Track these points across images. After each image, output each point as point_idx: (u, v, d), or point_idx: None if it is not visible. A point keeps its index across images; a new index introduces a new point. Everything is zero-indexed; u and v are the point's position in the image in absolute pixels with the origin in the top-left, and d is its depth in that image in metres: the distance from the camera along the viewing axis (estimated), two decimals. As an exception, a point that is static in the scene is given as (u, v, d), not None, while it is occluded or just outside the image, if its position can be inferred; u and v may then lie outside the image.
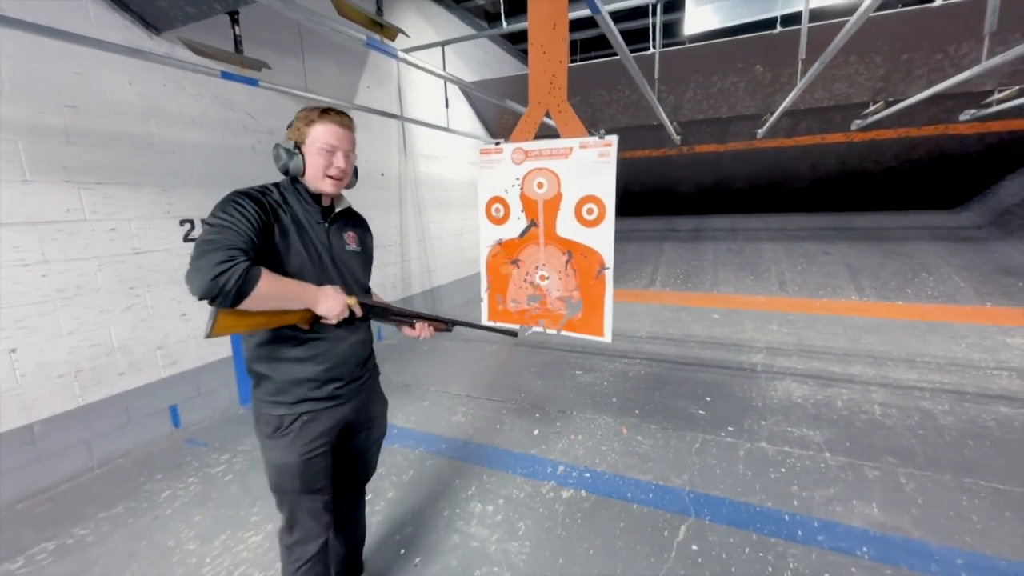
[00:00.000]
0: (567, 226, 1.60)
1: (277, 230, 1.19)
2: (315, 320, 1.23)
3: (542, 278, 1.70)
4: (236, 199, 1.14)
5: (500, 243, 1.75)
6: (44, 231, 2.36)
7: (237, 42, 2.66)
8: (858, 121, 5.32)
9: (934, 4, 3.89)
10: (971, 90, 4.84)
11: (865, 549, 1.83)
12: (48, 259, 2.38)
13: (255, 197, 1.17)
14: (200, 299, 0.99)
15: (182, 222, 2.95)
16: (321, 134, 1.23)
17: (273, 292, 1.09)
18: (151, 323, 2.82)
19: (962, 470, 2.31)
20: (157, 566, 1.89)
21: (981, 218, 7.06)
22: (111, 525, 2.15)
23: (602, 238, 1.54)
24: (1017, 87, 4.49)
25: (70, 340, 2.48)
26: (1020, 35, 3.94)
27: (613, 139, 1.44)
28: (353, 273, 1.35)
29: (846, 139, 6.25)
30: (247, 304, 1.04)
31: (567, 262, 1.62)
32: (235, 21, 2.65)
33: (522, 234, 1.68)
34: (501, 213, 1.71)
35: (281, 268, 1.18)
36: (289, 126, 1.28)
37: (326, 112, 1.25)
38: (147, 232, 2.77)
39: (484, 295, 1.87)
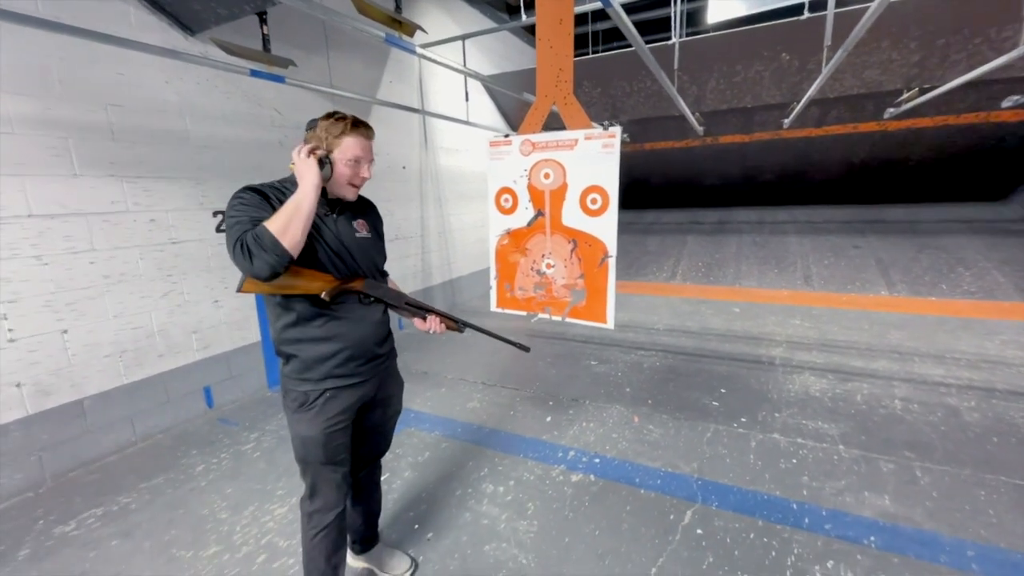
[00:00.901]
0: (572, 216, 1.65)
1: None
2: (337, 292, 1.32)
3: (548, 266, 1.75)
4: (242, 194, 1.23)
5: (508, 232, 1.81)
6: (92, 221, 2.55)
7: (265, 41, 2.78)
8: (891, 109, 5.13)
9: (972, -15, 3.72)
10: (1015, 75, 4.60)
11: (873, 538, 1.83)
12: (95, 247, 2.56)
13: (259, 190, 1.26)
14: (249, 274, 1.15)
15: (215, 213, 3.11)
16: (351, 147, 1.30)
17: (281, 220, 1.15)
18: (186, 308, 3.00)
19: (983, 466, 2.26)
20: (193, 531, 2.05)
21: (1025, 210, 6.70)
22: (152, 494, 2.33)
23: (606, 227, 1.58)
24: (1064, 71, 4.26)
25: (115, 323, 2.67)
26: (1068, 15, 3.73)
27: (616, 130, 1.48)
28: (367, 258, 1.43)
29: (880, 128, 6.03)
30: (284, 245, 1.13)
31: (572, 251, 1.67)
32: (263, 21, 2.77)
33: (529, 223, 1.74)
34: (510, 203, 1.78)
35: (295, 261, 1.23)
36: (311, 127, 1.32)
37: (356, 125, 1.31)
38: (183, 223, 2.95)
39: (492, 283, 1.93)
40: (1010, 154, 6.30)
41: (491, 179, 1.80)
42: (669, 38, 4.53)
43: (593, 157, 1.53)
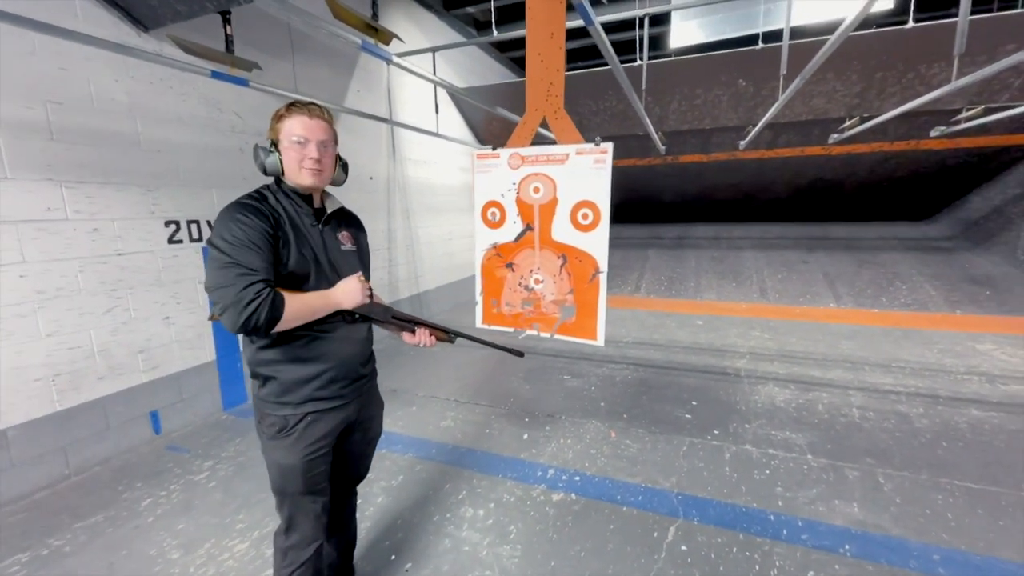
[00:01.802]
0: (562, 230, 1.63)
1: (281, 239, 1.19)
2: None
3: (536, 282, 1.72)
4: (240, 215, 1.13)
5: (495, 247, 1.77)
6: (23, 230, 2.29)
7: (228, 42, 2.64)
8: (835, 135, 5.52)
9: (907, 26, 4.08)
10: (941, 108, 5.06)
11: (847, 547, 1.88)
12: (27, 259, 2.31)
13: (257, 208, 1.17)
14: (235, 332, 1.08)
15: (167, 223, 2.89)
16: (291, 127, 1.22)
17: (298, 313, 1.16)
18: (133, 326, 2.75)
19: (937, 470, 2.40)
20: None
21: (950, 230, 7.35)
22: (89, 535, 2.08)
23: (597, 242, 1.57)
24: (983, 106, 4.72)
25: (48, 343, 2.40)
26: (986, 57, 4.15)
27: (608, 146, 1.48)
28: (351, 271, 1.34)
29: (824, 152, 6.46)
30: (276, 329, 1.12)
31: (562, 266, 1.65)
32: (227, 21, 2.63)
33: (517, 238, 1.71)
34: (497, 217, 1.74)
35: (280, 274, 1.18)
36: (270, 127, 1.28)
37: (293, 105, 1.24)
38: (131, 233, 2.72)
39: (479, 298, 1.88)
40: (936, 178, 6.92)
41: (477, 192, 1.75)
42: (633, 60, 4.68)
43: (584, 172, 1.52)
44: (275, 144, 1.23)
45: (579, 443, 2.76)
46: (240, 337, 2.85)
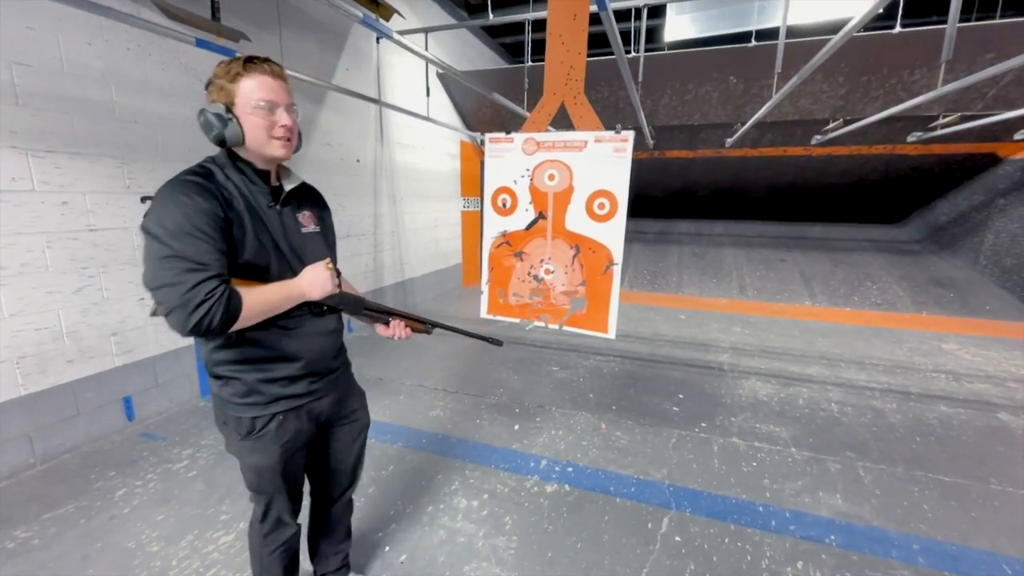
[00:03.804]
0: (577, 220, 1.59)
1: (234, 222, 1.02)
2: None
3: (547, 272, 1.69)
4: (183, 196, 0.96)
5: (504, 235, 1.73)
6: (-15, 201, 2.12)
7: (215, 9, 2.48)
8: (818, 136, 5.65)
9: (894, 31, 4.17)
10: (920, 114, 5.22)
11: (833, 537, 1.94)
12: (-11, 232, 2.14)
13: (203, 187, 0.99)
14: (184, 336, 0.95)
15: (144, 199, 2.72)
16: (253, 90, 1.03)
17: (258, 309, 1.02)
18: (105, 307, 2.60)
19: (912, 464, 2.50)
20: (118, 569, 1.75)
21: (919, 233, 7.66)
22: (59, 526, 1.97)
23: (613, 233, 1.55)
24: (959, 114, 4.90)
25: (12, 323, 2.24)
26: (966, 66, 4.29)
27: (630, 134, 1.45)
28: (316, 256, 1.19)
29: (805, 152, 6.60)
30: (234, 329, 0.99)
31: (574, 256, 1.62)
32: (213, -14, 2.47)
33: (529, 226, 1.66)
34: (508, 204, 1.69)
35: (236, 264, 1.03)
36: (208, 85, 1.08)
37: (251, 61, 1.04)
38: (104, 208, 2.55)
39: (485, 287, 1.84)
40: (909, 183, 7.17)
41: (488, 178, 1.69)
42: (627, 52, 4.65)
43: (603, 160, 1.49)
44: (229, 109, 1.04)
45: (570, 434, 2.76)
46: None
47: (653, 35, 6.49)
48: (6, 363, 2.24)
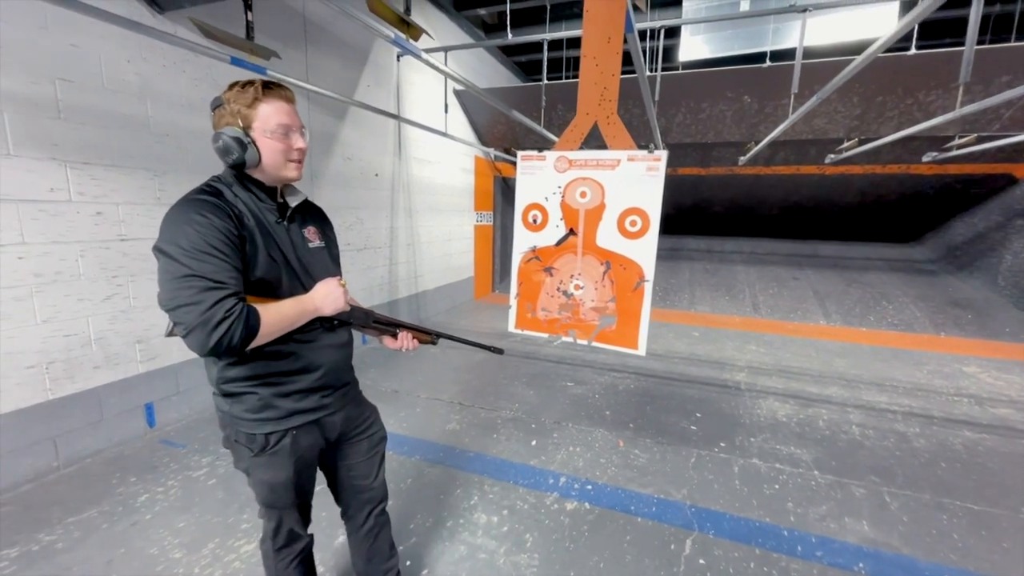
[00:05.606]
0: (608, 237, 1.62)
1: (246, 239, 1.04)
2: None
3: (576, 287, 1.71)
4: (196, 215, 0.96)
5: (535, 250, 1.75)
6: (24, 210, 2.19)
7: (249, 28, 2.56)
8: (832, 156, 5.65)
9: (910, 52, 4.20)
10: (935, 134, 5.23)
11: (861, 565, 1.90)
12: (26, 240, 2.20)
13: (215, 205, 1.00)
14: (203, 356, 0.98)
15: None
16: (271, 114, 1.06)
17: (275, 326, 1.02)
18: (132, 315, 2.65)
19: (939, 490, 2.45)
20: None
21: (934, 253, 7.58)
22: (83, 531, 1.98)
23: (644, 250, 1.56)
24: (975, 135, 4.89)
25: (43, 329, 2.29)
26: (982, 87, 4.30)
27: (663, 154, 1.48)
28: (324, 271, 1.21)
29: (819, 171, 6.61)
30: (251, 347, 1.00)
31: (605, 272, 1.64)
32: (248, 7, 2.56)
33: (559, 242, 1.69)
34: (539, 220, 1.71)
35: (249, 282, 1.04)
36: (217, 106, 1.08)
37: (269, 87, 1.08)
38: (135, 218, 2.62)
39: (513, 302, 1.85)
40: (923, 202, 7.14)
41: (519, 194, 1.72)
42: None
43: (635, 179, 1.51)
44: (246, 131, 1.06)
45: (588, 451, 2.74)
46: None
47: (668, 55, 6.58)
48: (36, 368, 2.28)
